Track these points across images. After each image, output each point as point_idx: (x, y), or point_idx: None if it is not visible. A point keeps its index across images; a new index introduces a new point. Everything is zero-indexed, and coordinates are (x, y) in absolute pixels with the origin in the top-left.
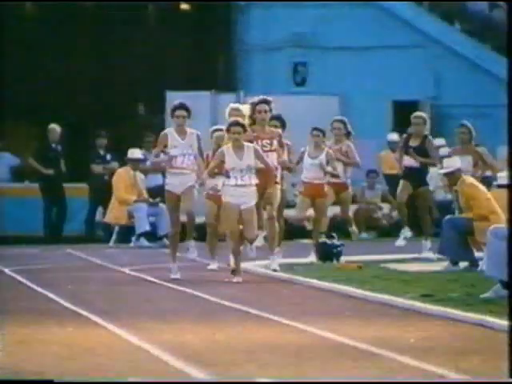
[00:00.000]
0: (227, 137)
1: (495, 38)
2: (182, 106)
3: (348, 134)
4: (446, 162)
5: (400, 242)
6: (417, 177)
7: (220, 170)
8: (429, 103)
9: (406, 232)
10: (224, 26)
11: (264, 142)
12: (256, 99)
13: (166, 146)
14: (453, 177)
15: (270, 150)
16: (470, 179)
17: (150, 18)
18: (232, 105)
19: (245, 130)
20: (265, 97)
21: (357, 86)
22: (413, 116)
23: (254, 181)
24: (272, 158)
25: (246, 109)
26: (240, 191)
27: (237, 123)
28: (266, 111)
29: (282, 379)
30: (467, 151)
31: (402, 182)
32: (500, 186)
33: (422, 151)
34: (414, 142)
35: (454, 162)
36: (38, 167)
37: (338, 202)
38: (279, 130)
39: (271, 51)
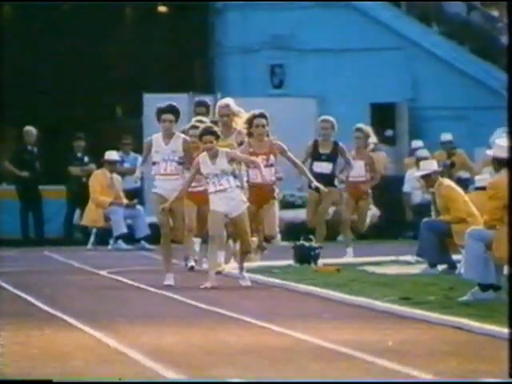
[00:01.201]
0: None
1: (473, 40)
2: (169, 110)
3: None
4: (422, 164)
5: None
6: (326, 182)
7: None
8: (406, 105)
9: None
10: (201, 28)
11: (259, 157)
12: (255, 112)
13: (151, 151)
14: (430, 179)
15: (266, 166)
16: (447, 181)
17: (127, 20)
18: (221, 102)
19: (217, 137)
20: (262, 111)
21: (334, 88)
22: (320, 120)
23: (234, 183)
24: (269, 173)
25: (234, 104)
26: (223, 196)
27: (208, 131)
28: (263, 126)
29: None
30: (361, 156)
31: (309, 190)
32: (478, 189)
33: (334, 158)
34: (324, 149)
35: (431, 165)
36: (13, 170)
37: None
38: (282, 144)
39: (248, 53)
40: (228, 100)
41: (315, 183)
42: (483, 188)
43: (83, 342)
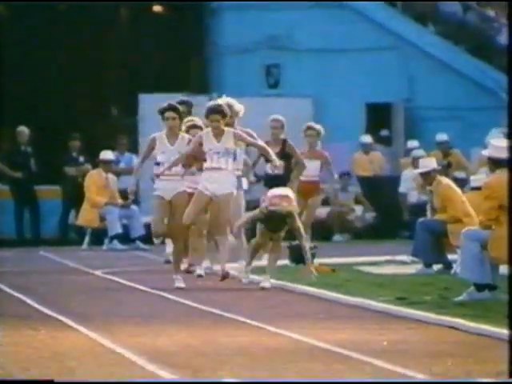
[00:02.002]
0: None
1: (469, 40)
2: (170, 107)
3: None
4: (421, 161)
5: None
6: (279, 184)
7: (199, 166)
8: (402, 105)
9: None
10: (197, 28)
11: None
12: (275, 194)
13: (153, 149)
14: (428, 177)
15: None
16: (445, 180)
17: (122, 20)
18: (223, 101)
19: (224, 116)
20: (286, 192)
21: (330, 88)
22: (271, 119)
23: (231, 166)
24: None
25: (238, 105)
26: (215, 177)
27: (216, 110)
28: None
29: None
30: (315, 155)
31: (264, 190)
32: (473, 189)
33: (285, 156)
34: (274, 148)
35: (430, 162)
36: (6, 170)
37: None
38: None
39: (244, 53)
40: (229, 100)
41: None
42: (479, 188)
43: (78, 343)
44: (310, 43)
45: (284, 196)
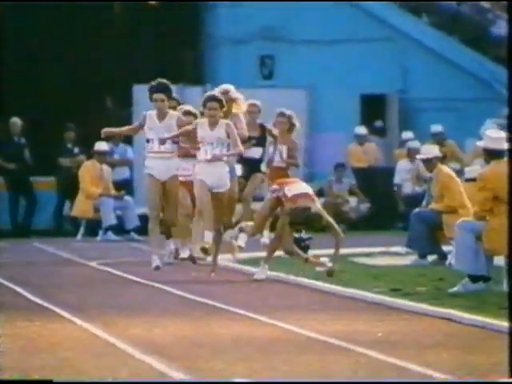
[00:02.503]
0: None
1: (463, 31)
2: (159, 89)
3: None
4: (423, 148)
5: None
6: (253, 167)
7: (193, 153)
8: (396, 96)
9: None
10: (191, 19)
11: None
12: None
13: (143, 126)
14: (430, 164)
15: None
16: (446, 169)
17: (118, 12)
18: (221, 88)
19: (222, 106)
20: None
21: (324, 79)
22: (248, 104)
23: (225, 157)
24: None
25: (235, 92)
26: (210, 170)
27: (213, 98)
28: None
29: (250, 374)
30: (284, 141)
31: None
32: (468, 180)
33: (264, 141)
34: (253, 133)
35: (432, 149)
36: None
37: None
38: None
39: (238, 44)
40: (228, 86)
41: None
42: (473, 179)
43: (72, 334)
44: (305, 34)
45: (306, 194)
